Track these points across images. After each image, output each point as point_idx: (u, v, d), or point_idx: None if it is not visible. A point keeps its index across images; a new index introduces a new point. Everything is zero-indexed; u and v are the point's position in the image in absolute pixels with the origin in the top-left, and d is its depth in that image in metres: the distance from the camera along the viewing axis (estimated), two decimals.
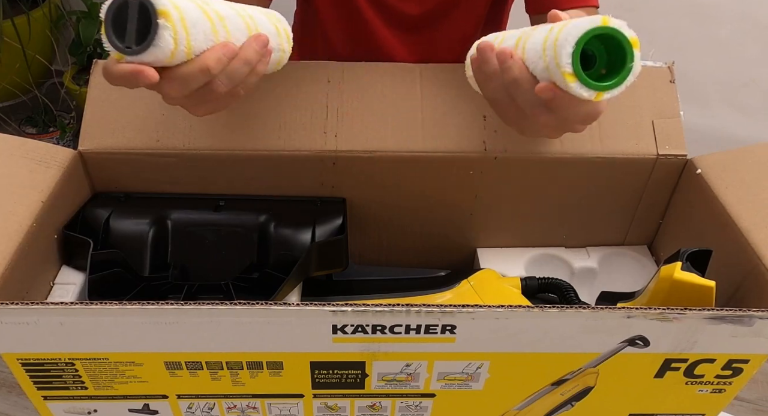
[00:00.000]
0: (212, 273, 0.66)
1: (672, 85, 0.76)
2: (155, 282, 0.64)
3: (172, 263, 0.66)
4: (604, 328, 0.50)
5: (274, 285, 0.61)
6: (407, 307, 0.47)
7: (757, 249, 0.61)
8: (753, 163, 0.70)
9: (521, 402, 0.56)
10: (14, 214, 0.61)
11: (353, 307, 0.47)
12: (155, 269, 0.66)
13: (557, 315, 0.48)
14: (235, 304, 0.47)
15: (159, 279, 0.65)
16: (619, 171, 0.75)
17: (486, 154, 0.73)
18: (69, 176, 0.68)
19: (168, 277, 0.65)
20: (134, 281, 0.64)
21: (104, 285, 0.61)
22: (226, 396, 0.55)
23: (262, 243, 0.68)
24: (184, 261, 0.67)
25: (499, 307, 0.47)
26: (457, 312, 0.47)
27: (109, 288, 0.62)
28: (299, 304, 0.47)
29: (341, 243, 0.68)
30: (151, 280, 0.64)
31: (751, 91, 1.64)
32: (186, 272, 0.66)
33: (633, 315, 0.49)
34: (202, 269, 0.67)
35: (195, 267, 0.67)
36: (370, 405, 0.57)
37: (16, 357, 0.50)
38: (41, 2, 1.82)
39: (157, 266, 0.66)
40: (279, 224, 0.69)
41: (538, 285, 0.75)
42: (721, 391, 0.56)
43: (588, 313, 0.48)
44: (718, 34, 1.53)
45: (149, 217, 0.68)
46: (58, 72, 1.91)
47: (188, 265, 0.67)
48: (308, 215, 0.70)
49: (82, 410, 0.56)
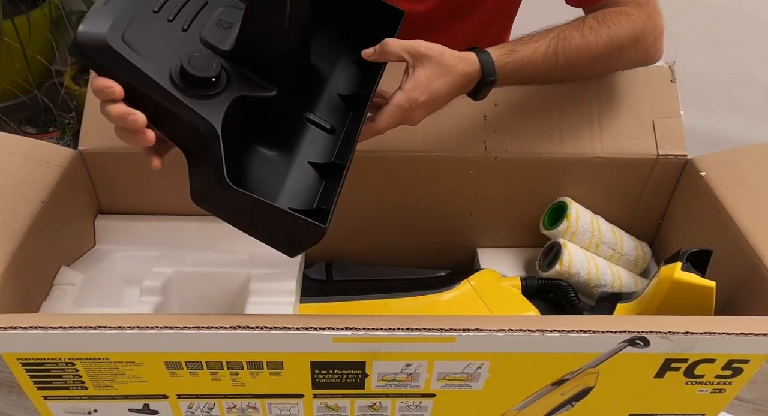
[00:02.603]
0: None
1: (672, 84, 0.76)
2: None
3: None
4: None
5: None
6: (407, 332, 0.48)
7: (757, 249, 0.61)
8: (753, 163, 0.70)
9: (521, 402, 0.56)
10: (14, 214, 0.61)
11: (353, 332, 0.48)
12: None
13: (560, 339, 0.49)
14: (235, 328, 0.47)
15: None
16: (619, 171, 0.75)
17: (486, 154, 0.73)
18: (69, 176, 0.68)
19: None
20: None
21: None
22: (226, 396, 0.55)
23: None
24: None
25: (498, 331, 0.49)
26: (458, 336, 0.48)
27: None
28: (299, 328, 0.48)
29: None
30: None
31: (751, 91, 1.64)
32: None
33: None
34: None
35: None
36: (370, 405, 0.57)
37: (16, 357, 0.50)
38: (41, 2, 1.82)
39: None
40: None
41: (539, 285, 0.75)
42: (721, 391, 0.56)
43: (588, 337, 0.49)
44: (718, 34, 1.53)
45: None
46: (58, 72, 1.90)
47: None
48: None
49: (82, 410, 0.56)
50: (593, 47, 0.68)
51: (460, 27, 0.88)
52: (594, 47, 0.68)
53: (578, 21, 0.70)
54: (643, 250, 0.80)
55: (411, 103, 0.60)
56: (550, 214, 0.79)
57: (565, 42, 0.68)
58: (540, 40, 0.68)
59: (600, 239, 0.77)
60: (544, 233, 0.79)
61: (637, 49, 0.71)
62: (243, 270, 0.72)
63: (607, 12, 0.71)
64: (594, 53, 0.69)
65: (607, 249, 0.77)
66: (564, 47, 0.67)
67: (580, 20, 0.70)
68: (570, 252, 0.74)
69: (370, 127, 0.60)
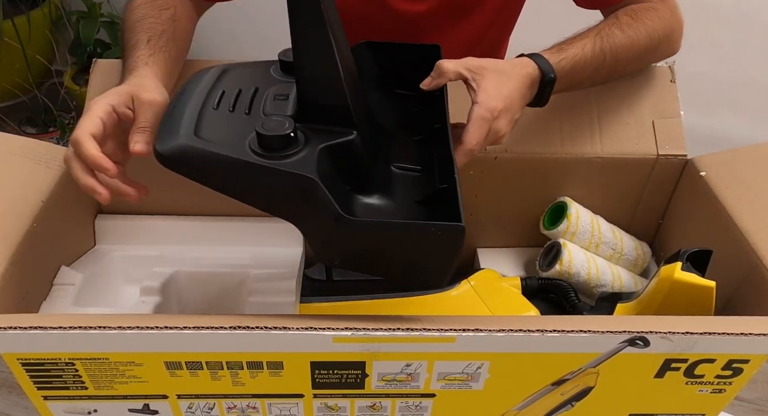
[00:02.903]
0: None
1: (672, 84, 0.76)
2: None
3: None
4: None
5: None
6: (407, 332, 0.48)
7: (757, 249, 0.61)
8: (753, 163, 0.70)
9: (521, 402, 0.56)
10: (14, 214, 0.61)
11: (353, 332, 0.48)
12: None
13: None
14: (235, 328, 0.47)
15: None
16: (619, 171, 0.75)
17: (486, 154, 0.73)
18: (69, 176, 0.68)
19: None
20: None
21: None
22: (226, 396, 0.55)
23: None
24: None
25: (498, 331, 0.48)
26: (458, 336, 0.48)
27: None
28: (299, 329, 0.48)
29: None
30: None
31: (751, 91, 1.64)
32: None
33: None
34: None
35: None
36: (370, 405, 0.57)
37: (16, 357, 0.49)
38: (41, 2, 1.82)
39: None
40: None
41: (539, 285, 0.75)
42: (722, 391, 0.56)
43: (588, 337, 0.49)
44: (718, 34, 1.53)
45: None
46: (58, 72, 1.91)
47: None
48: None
49: (82, 410, 0.56)
50: (635, 43, 0.69)
51: (461, 27, 0.88)
52: (636, 43, 0.69)
53: (613, 19, 0.71)
54: (643, 250, 0.80)
55: (491, 112, 0.59)
56: (550, 214, 0.79)
57: (609, 39, 0.68)
58: (583, 39, 0.68)
59: (600, 239, 0.77)
60: (544, 233, 0.79)
61: (669, 44, 0.73)
62: (243, 270, 0.72)
63: (637, 8, 0.72)
64: (636, 49, 0.70)
65: (607, 249, 0.77)
66: (610, 44, 0.68)
67: (614, 18, 0.71)
68: (570, 252, 0.74)
69: (461, 148, 0.59)
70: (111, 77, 0.73)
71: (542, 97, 0.65)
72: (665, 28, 0.71)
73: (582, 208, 0.77)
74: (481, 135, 0.59)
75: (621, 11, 0.72)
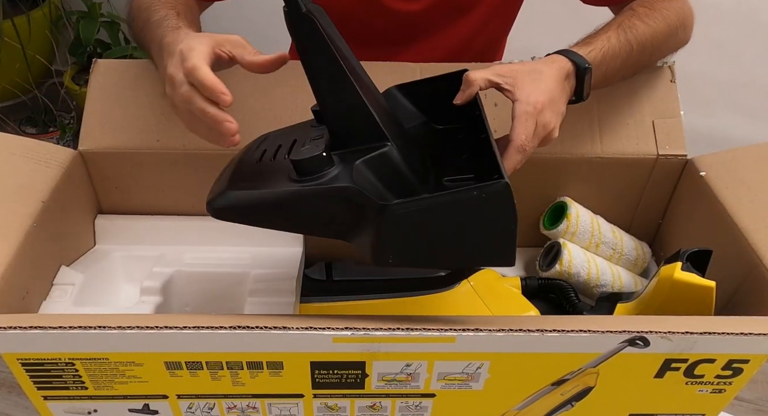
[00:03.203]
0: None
1: (672, 84, 0.76)
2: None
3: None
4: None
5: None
6: (407, 332, 0.48)
7: (757, 249, 0.61)
8: (753, 163, 0.70)
9: (521, 402, 0.56)
10: (14, 214, 0.61)
11: (353, 332, 0.48)
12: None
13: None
14: (235, 328, 0.47)
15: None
16: (619, 171, 0.75)
17: None
18: (69, 176, 0.68)
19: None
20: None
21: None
22: (226, 396, 0.55)
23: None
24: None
25: (498, 331, 0.48)
26: (458, 336, 0.48)
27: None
28: (299, 328, 0.48)
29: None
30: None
31: (751, 91, 1.64)
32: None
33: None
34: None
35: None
36: (370, 405, 0.57)
37: (16, 357, 0.49)
38: (41, 2, 1.82)
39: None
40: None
41: (539, 285, 0.75)
42: (721, 391, 0.56)
43: (588, 337, 0.49)
44: (718, 34, 1.53)
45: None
46: (58, 72, 1.90)
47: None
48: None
49: (82, 410, 0.56)
50: (657, 32, 0.69)
51: (456, 26, 0.88)
52: (658, 32, 0.69)
53: (629, 11, 0.71)
54: (643, 250, 0.80)
55: (534, 105, 0.57)
56: (550, 214, 0.79)
57: (632, 30, 0.68)
58: (606, 32, 0.68)
59: (600, 239, 0.77)
60: (544, 233, 0.79)
61: (684, 31, 0.73)
62: (243, 271, 0.72)
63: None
64: (659, 39, 0.70)
65: (607, 249, 0.77)
66: (634, 34, 0.68)
67: (631, 11, 0.71)
68: (570, 252, 0.74)
69: (511, 146, 0.57)
70: (111, 77, 0.73)
71: (582, 90, 0.64)
72: (679, 16, 0.72)
73: (582, 208, 0.77)
74: (529, 129, 0.57)
75: (635, 3, 0.73)
